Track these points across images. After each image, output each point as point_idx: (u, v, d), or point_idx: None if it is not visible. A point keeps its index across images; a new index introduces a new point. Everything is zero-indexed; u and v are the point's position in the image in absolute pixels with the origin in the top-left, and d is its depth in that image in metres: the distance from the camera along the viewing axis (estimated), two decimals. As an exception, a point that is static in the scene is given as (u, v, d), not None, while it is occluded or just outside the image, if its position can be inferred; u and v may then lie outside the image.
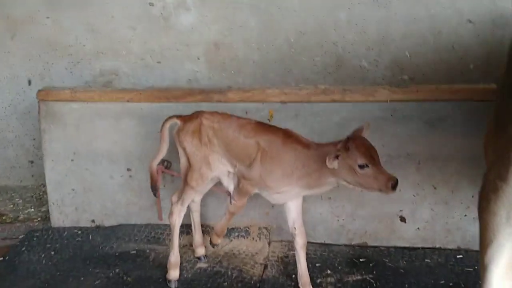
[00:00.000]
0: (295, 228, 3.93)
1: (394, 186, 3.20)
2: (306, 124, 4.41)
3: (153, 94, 4.68)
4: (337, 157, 3.28)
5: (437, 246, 4.53)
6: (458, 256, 4.40)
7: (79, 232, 5.07)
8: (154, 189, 4.37)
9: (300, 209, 3.94)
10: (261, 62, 5.54)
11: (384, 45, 5.29)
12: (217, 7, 5.39)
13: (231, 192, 4.03)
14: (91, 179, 5.00)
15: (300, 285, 3.99)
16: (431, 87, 4.18)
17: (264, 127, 3.84)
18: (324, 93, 4.28)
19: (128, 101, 4.71)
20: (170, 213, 4.23)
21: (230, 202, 4.02)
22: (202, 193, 4.45)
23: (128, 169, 4.91)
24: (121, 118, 4.79)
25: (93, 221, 5.13)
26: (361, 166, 3.24)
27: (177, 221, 4.22)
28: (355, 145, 3.26)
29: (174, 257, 4.24)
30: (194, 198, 4.39)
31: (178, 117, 4.13)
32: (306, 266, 3.97)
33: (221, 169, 4.01)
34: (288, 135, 3.70)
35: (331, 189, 3.64)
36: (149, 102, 4.70)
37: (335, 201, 4.58)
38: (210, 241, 4.27)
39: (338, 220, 4.63)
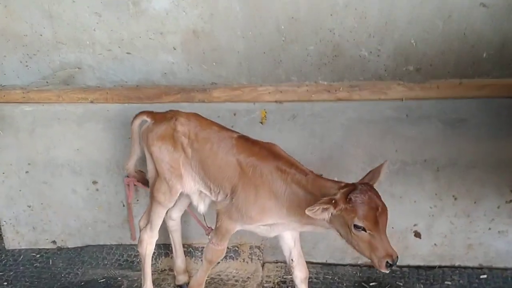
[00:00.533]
0: (292, 259, 3.32)
1: (389, 266, 2.61)
2: (306, 127, 3.75)
3: (122, 94, 3.94)
4: (325, 209, 2.61)
5: (457, 264, 3.96)
6: (482, 276, 3.82)
7: (38, 255, 4.33)
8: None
9: (298, 236, 3.32)
10: (247, 52, 4.80)
11: (387, 32, 4.61)
12: (196, -10, 4.65)
13: (206, 225, 3.42)
14: (50, 194, 4.24)
15: (304, 322, 3.35)
16: (453, 82, 3.56)
17: (247, 144, 3.15)
18: (327, 90, 3.62)
19: (92, 101, 3.97)
20: (139, 241, 3.54)
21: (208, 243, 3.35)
22: (181, 210, 3.75)
23: (94, 182, 4.17)
24: (84, 122, 4.05)
25: (53, 242, 4.40)
26: (357, 227, 2.61)
27: (147, 249, 3.53)
28: (359, 199, 2.60)
29: (147, 291, 3.55)
30: (171, 215, 3.72)
31: (149, 113, 3.48)
32: None
33: (191, 187, 3.35)
34: (278, 158, 3.03)
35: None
36: (117, 103, 3.95)
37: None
38: None
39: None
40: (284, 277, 3.93)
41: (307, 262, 3.44)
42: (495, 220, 3.81)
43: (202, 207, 3.46)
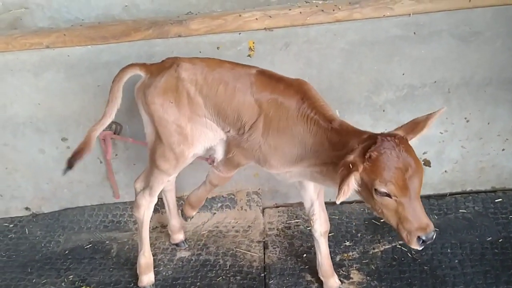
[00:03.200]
0: (313, 212, 2.93)
1: (422, 242, 2.13)
2: (301, 55, 3.29)
3: (83, 34, 3.35)
4: (349, 182, 2.08)
5: (468, 189, 3.71)
6: (496, 200, 3.59)
7: (11, 225, 3.89)
8: (73, 160, 2.97)
9: (322, 186, 2.90)
10: (219, -26, 4.25)
11: None
12: None
13: (215, 160, 2.93)
14: (14, 157, 3.74)
15: (320, 275, 3.06)
16: (464, -10, 3.11)
17: (270, 80, 2.61)
18: (324, 11, 3.12)
19: (48, 47, 3.37)
20: (136, 206, 3.11)
21: (213, 169, 2.96)
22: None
23: (64, 139, 3.67)
24: (41, 72, 3.47)
25: (27, 208, 3.93)
26: (379, 192, 2.10)
27: (145, 215, 3.10)
28: (382, 157, 2.06)
29: (145, 258, 3.18)
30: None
31: (142, 66, 2.86)
32: (328, 254, 3.02)
33: (210, 138, 2.84)
34: (305, 98, 2.50)
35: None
36: (78, 46, 3.36)
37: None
38: (182, 213, 3.28)
39: (346, 172, 3.65)
40: (287, 222, 3.62)
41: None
42: (509, 140, 3.53)
43: (220, 155, 2.94)
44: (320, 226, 2.92)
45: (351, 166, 2.09)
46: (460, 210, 3.55)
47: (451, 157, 3.61)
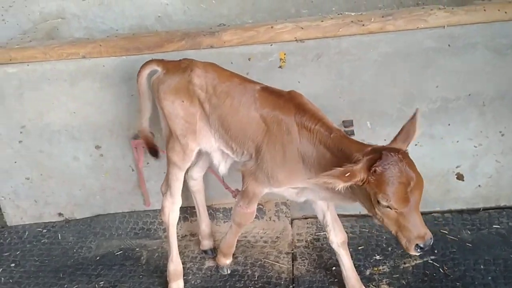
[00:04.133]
0: (326, 223, 2.97)
1: (420, 249, 2.22)
2: (332, 67, 3.28)
3: (118, 45, 3.41)
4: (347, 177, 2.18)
5: (502, 204, 3.63)
6: (532, 217, 3.50)
7: (44, 230, 3.97)
8: (154, 153, 3.27)
9: None
10: (250, -15, 4.31)
11: None
12: None
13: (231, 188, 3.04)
14: (49, 163, 3.82)
15: (347, 288, 3.04)
16: (502, 2, 3.05)
17: (271, 96, 2.71)
18: (356, 22, 3.11)
19: (84, 57, 3.44)
20: (161, 209, 3.16)
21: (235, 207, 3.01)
22: (203, 168, 3.37)
23: (97, 147, 3.74)
24: (77, 81, 3.55)
25: (60, 214, 4.02)
26: (382, 205, 2.19)
27: (171, 217, 3.16)
28: (386, 173, 2.13)
29: (174, 265, 3.22)
30: (192, 174, 3.36)
31: (159, 62, 3.02)
32: (351, 266, 3.00)
33: (211, 145, 2.95)
34: (304, 110, 2.58)
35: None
36: (113, 56, 3.43)
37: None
38: (217, 263, 3.38)
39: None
40: (316, 234, 3.60)
41: (339, 216, 3.06)
42: (546, 155, 3.44)
43: (223, 168, 3.08)
44: (336, 236, 2.94)
45: (347, 175, 2.16)
46: (494, 226, 3.47)
47: (485, 171, 3.54)
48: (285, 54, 3.28)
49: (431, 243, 2.25)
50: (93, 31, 4.52)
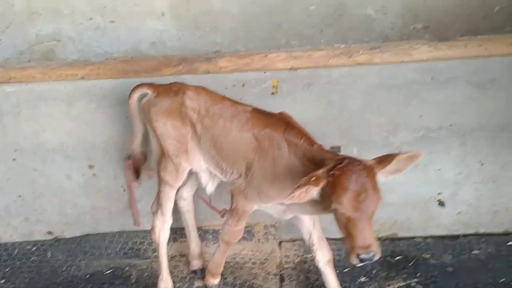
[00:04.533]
0: (313, 242, 3.10)
1: (362, 260, 2.30)
2: (322, 95, 3.44)
3: (116, 68, 3.54)
4: (307, 190, 2.31)
5: (481, 231, 3.77)
6: (509, 243, 3.65)
7: (34, 248, 3.99)
8: (136, 174, 3.45)
9: (317, 217, 3.08)
10: (243, 15, 4.45)
11: (394, -12, 4.33)
12: None
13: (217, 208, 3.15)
14: (42, 182, 3.87)
15: (335, 309, 3.14)
16: (483, 39, 3.26)
17: (262, 116, 2.87)
18: (346, 54, 3.28)
19: (82, 78, 3.55)
20: (152, 228, 3.25)
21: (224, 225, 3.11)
22: (193, 188, 3.46)
23: (91, 166, 3.80)
24: (74, 101, 3.65)
25: (49, 232, 4.04)
26: (334, 207, 2.31)
27: (161, 236, 3.25)
28: (343, 176, 2.27)
29: (164, 283, 3.31)
30: (182, 194, 3.46)
31: (150, 85, 3.15)
32: (338, 284, 3.14)
33: (200, 165, 3.08)
34: (291, 127, 2.74)
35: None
36: (111, 79, 3.55)
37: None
38: (205, 284, 3.45)
39: (362, 210, 3.74)
40: (304, 256, 3.69)
41: (326, 239, 3.19)
42: (524, 184, 3.62)
43: (210, 187, 3.20)
44: (322, 255, 3.05)
45: (313, 179, 2.28)
46: (474, 252, 3.61)
47: (465, 199, 3.69)
48: (278, 81, 3.43)
49: (374, 258, 2.29)
50: (88, 54, 4.60)
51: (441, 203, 3.71)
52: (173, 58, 3.51)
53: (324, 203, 2.44)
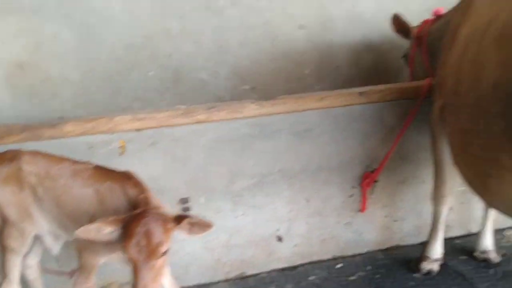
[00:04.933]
0: None
1: None
2: (167, 152, 3.75)
3: (-48, 138, 3.40)
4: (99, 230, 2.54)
5: (315, 259, 4.35)
6: (337, 266, 4.29)
7: None
8: None
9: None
10: (83, 81, 4.65)
11: (222, 55, 4.93)
12: (18, 19, 4.30)
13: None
14: None
15: None
16: (298, 97, 3.93)
17: (105, 171, 3.04)
18: (187, 114, 3.67)
19: None
20: None
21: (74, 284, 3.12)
22: (38, 254, 3.43)
23: None
24: None
25: None
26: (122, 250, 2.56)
27: None
28: (133, 223, 2.49)
29: None
30: (27, 262, 3.38)
31: None
32: None
33: (43, 228, 3.13)
34: (130, 180, 2.93)
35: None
36: None
37: (208, 233, 4.01)
38: None
39: (212, 254, 4.08)
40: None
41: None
42: (341, 214, 4.31)
43: (56, 249, 3.24)
44: None
45: (109, 219, 2.53)
46: (310, 278, 4.14)
47: (298, 232, 4.24)
48: (124, 142, 3.65)
49: None
50: None
51: (279, 239, 4.21)
52: (15, 126, 3.51)
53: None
